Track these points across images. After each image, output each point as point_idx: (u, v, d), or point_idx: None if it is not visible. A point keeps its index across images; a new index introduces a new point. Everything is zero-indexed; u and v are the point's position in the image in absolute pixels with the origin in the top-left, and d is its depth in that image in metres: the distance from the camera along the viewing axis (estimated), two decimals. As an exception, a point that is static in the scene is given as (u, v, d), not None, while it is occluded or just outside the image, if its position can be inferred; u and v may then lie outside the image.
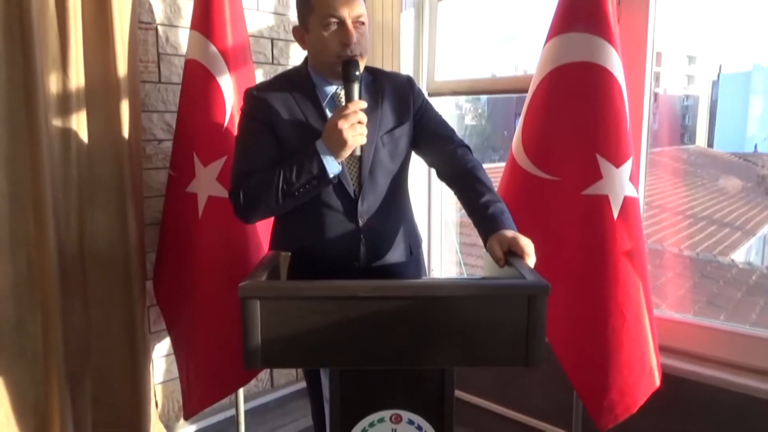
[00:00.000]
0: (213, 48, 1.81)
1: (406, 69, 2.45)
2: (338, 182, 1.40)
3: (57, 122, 1.75)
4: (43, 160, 1.68)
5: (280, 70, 2.35)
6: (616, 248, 1.66)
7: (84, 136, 1.80)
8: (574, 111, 1.70)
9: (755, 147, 5.79)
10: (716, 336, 1.86)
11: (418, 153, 1.57)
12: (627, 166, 1.67)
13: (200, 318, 1.86)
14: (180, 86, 1.93)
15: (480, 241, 1.36)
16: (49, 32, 1.70)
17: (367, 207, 1.45)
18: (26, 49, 1.64)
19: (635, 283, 1.67)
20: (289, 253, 1.46)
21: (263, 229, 1.99)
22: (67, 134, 1.77)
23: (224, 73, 1.83)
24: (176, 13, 2.05)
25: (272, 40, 2.33)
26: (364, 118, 1.33)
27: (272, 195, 1.34)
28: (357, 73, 1.35)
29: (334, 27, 1.37)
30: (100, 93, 1.82)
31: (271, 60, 2.33)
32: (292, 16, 2.36)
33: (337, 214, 1.44)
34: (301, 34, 1.45)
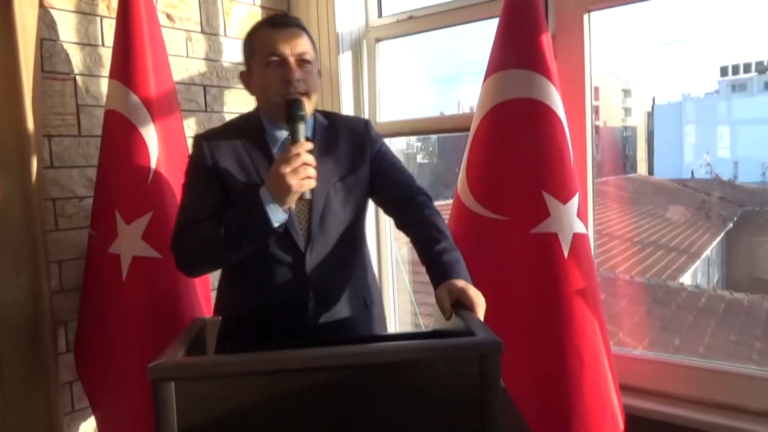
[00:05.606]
0: (134, 97, 1.69)
1: (347, 111, 2.38)
2: (286, 233, 1.31)
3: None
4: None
5: (214, 117, 2.24)
6: (569, 288, 1.60)
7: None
8: (517, 148, 1.67)
9: (692, 173, 6.07)
10: (675, 371, 1.81)
11: (376, 201, 1.50)
12: (574, 202, 1.63)
13: (128, 396, 1.66)
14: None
15: None
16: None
17: (316, 258, 1.36)
18: None
19: (591, 323, 1.61)
20: (219, 318, 1.32)
21: (200, 288, 1.85)
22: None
23: (148, 124, 1.71)
24: (96, 62, 1.92)
25: (204, 87, 2.22)
26: (310, 159, 1.24)
27: (214, 247, 1.26)
28: (301, 113, 1.28)
29: (275, 65, 1.32)
30: (10, 150, 1.66)
31: (204, 107, 2.22)
32: (225, 62, 2.27)
33: (284, 267, 1.34)
34: (247, 78, 1.42)
